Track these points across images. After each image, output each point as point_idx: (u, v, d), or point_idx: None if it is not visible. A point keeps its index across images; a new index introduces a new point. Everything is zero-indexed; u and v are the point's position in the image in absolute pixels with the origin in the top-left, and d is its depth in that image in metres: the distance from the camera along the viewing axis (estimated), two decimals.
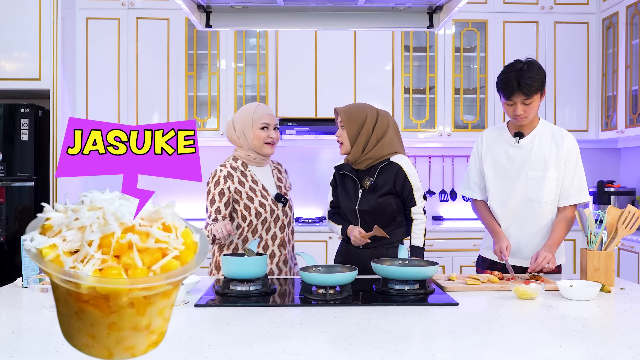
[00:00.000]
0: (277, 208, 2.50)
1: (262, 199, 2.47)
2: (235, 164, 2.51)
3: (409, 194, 2.48)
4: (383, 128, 2.50)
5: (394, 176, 2.46)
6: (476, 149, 2.59)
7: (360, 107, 2.52)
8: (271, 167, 2.60)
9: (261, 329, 1.60)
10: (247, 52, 4.48)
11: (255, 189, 2.48)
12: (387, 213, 2.48)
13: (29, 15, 3.95)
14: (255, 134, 2.47)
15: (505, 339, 1.52)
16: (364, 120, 2.48)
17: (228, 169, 2.49)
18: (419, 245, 2.47)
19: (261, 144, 2.48)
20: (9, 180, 3.94)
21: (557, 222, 2.41)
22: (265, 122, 2.47)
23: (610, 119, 4.32)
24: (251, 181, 2.49)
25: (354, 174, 2.54)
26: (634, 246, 3.72)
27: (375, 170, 2.49)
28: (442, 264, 4.17)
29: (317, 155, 4.79)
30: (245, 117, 2.49)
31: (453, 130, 4.46)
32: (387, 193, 2.47)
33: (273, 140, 2.49)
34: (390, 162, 2.48)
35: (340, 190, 2.59)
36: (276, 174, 2.59)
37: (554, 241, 2.36)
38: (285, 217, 2.53)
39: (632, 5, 4.03)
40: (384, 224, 2.46)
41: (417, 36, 4.52)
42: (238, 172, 2.49)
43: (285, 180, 2.63)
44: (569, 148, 2.41)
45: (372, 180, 2.47)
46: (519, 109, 2.35)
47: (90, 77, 4.38)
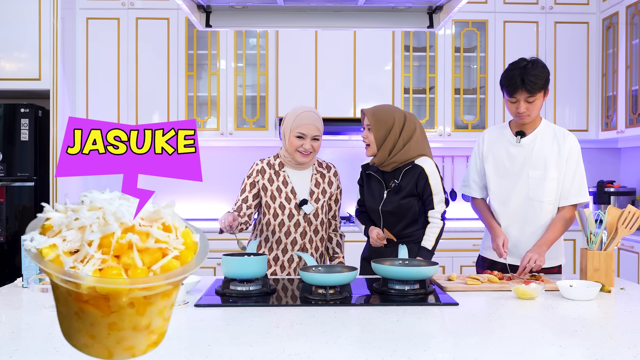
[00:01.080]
0: (299, 214, 2.47)
1: (285, 201, 2.46)
2: (273, 161, 2.53)
3: (428, 197, 2.50)
4: (410, 132, 2.50)
5: (416, 178, 2.48)
6: (477, 148, 2.59)
7: (388, 111, 2.51)
8: (314, 171, 2.55)
9: (261, 329, 1.60)
10: (247, 52, 4.48)
11: (283, 190, 2.47)
12: (409, 214, 2.51)
13: (29, 15, 3.95)
14: (291, 140, 2.45)
15: (505, 339, 1.52)
16: (392, 124, 2.48)
17: (263, 164, 2.52)
18: (427, 248, 2.47)
19: (294, 151, 2.46)
20: (9, 180, 3.94)
21: (554, 221, 2.41)
22: (301, 132, 2.43)
23: (610, 119, 4.32)
24: (282, 182, 2.49)
25: (380, 175, 2.55)
26: (634, 246, 3.72)
27: (400, 172, 2.51)
28: (442, 264, 4.17)
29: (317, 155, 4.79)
30: (288, 120, 2.47)
31: (453, 130, 4.46)
32: (409, 195, 2.49)
33: (306, 150, 2.46)
34: (414, 165, 2.49)
35: (366, 189, 2.62)
36: (317, 179, 2.54)
37: (545, 240, 2.36)
38: (309, 224, 2.49)
39: (632, 5, 4.03)
40: (406, 225, 2.51)
41: (417, 36, 4.52)
42: (272, 170, 2.50)
43: (326, 189, 2.55)
44: (571, 148, 2.41)
45: (396, 182, 2.49)
46: (521, 106, 2.35)
47: (90, 77, 4.38)
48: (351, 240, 4.22)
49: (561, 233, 2.40)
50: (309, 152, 2.46)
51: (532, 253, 2.30)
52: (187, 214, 4.67)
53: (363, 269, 2.60)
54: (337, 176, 2.63)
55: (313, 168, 2.56)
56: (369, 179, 2.61)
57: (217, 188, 4.65)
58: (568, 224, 2.42)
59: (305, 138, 2.45)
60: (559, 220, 2.40)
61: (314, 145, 2.47)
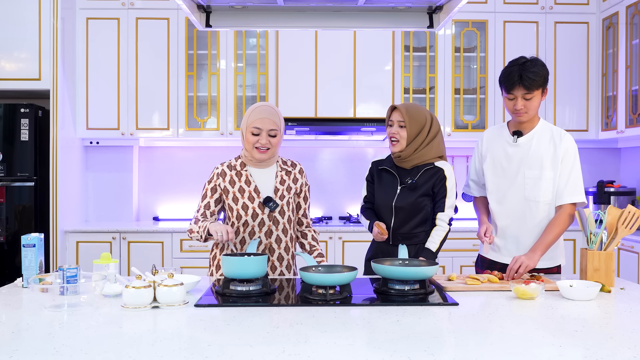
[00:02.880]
0: (263, 212, 2.41)
1: (248, 201, 2.40)
2: (234, 162, 2.48)
3: (441, 199, 2.52)
4: (435, 132, 2.57)
5: (435, 179, 2.52)
6: (477, 148, 2.62)
7: (421, 110, 2.56)
8: (278, 169, 2.48)
9: (261, 329, 1.60)
10: (247, 52, 4.48)
11: (245, 190, 2.41)
12: (422, 214, 2.53)
13: (29, 15, 3.95)
14: (247, 137, 2.39)
15: (505, 339, 1.52)
16: (424, 122, 2.54)
17: (224, 167, 2.47)
18: (432, 250, 2.48)
19: (251, 148, 2.39)
20: (9, 180, 3.94)
21: (549, 225, 2.39)
22: (256, 126, 2.36)
23: (610, 119, 4.32)
24: (244, 181, 2.43)
25: (395, 171, 2.58)
26: (634, 246, 3.72)
27: (418, 171, 2.54)
28: (442, 264, 4.17)
29: (317, 155, 4.79)
30: (245, 117, 2.43)
31: (453, 130, 4.46)
32: (425, 194, 2.52)
33: (263, 146, 2.38)
34: (434, 167, 2.54)
35: (378, 185, 2.62)
36: (282, 176, 2.47)
37: (539, 245, 2.34)
38: (275, 223, 2.43)
39: (632, 5, 4.03)
40: (417, 224, 2.52)
41: (417, 36, 4.52)
42: (233, 172, 2.45)
43: (291, 185, 2.48)
44: (567, 148, 2.41)
45: (413, 179, 2.52)
46: (519, 103, 2.36)
47: (90, 77, 4.38)
48: (351, 240, 4.23)
49: (557, 236, 2.38)
50: (265, 147, 2.38)
51: (523, 257, 2.26)
52: (187, 214, 4.68)
53: (368, 269, 2.59)
54: (302, 173, 2.54)
55: (277, 165, 2.48)
56: (381, 174, 2.63)
57: None
58: (564, 226, 2.38)
59: (261, 133, 2.36)
60: (554, 223, 2.39)
61: (272, 141, 2.38)
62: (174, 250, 4.15)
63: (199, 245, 4.12)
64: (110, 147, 4.62)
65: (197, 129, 4.39)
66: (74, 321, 1.68)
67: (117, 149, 4.62)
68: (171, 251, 4.15)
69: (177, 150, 4.75)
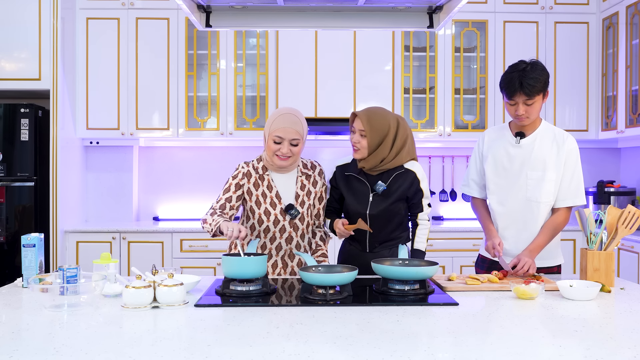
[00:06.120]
0: (284, 219, 2.42)
1: (270, 206, 2.40)
2: (257, 164, 2.45)
3: (419, 201, 2.49)
4: (403, 139, 2.44)
5: (409, 184, 2.44)
6: (477, 148, 2.61)
7: (383, 117, 2.42)
8: (298, 173, 2.47)
9: (261, 329, 1.60)
10: (247, 52, 4.48)
11: (268, 195, 2.41)
12: (397, 218, 2.48)
13: (29, 15, 3.95)
14: (269, 144, 2.37)
15: (505, 339, 1.52)
16: (387, 132, 2.40)
17: (249, 167, 2.45)
18: (421, 249, 2.48)
19: (272, 155, 2.38)
20: (9, 180, 3.94)
21: (545, 226, 2.43)
22: (278, 136, 2.34)
23: (610, 119, 4.32)
24: (266, 186, 2.42)
25: (364, 178, 2.47)
26: (634, 246, 3.72)
27: (388, 176, 2.44)
28: (442, 264, 4.17)
29: (317, 155, 4.79)
30: (267, 122, 2.40)
31: (453, 130, 4.46)
32: (399, 199, 2.45)
33: (284, 155, 2.36)
34: (405, 170, 2.46)
35: (347, 192, 2.49)
36: (302, 181, 2.46)
37: (536, 246, 2.39)
38: (295, 229, 2.45)
39: (632, 5, 4.03)
40: (394, 228, 2.48)
41: (417, 36, 4.52)
42: (257, 174, 2.44)
43: (310, 189, 2.47)
44: (569, 150, 2.42)
45: (384, 185, 2.42)
46: (520, 109, 2.36)
47: (90, 77, 4.37)
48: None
49: (551, 238, 2.44)
50: (286, 156, 2.36)
51: (527, 258, 2.32)
52: (187, 214, 4.68)
53: None
54: (322, 174, 2.53)
55: (298, 170, 2.47)
56: (349, 181, 2.50)
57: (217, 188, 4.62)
58: (559, 228, 2.45)
59: (283, 142, 2.34)
60: (549, 225, 2.43)
61: (293, 150, 2.36)
62: (174, 250, 4.15)
63: (199, 245, 4.12)
64: (110, 147, 4.61)
65: (197, 129, 4.39)
66: (74, 321, 1.68)
67: (117, 149, 4.62)
68: (171, 251, 4.15)
69: (177, 150, 4.75)
